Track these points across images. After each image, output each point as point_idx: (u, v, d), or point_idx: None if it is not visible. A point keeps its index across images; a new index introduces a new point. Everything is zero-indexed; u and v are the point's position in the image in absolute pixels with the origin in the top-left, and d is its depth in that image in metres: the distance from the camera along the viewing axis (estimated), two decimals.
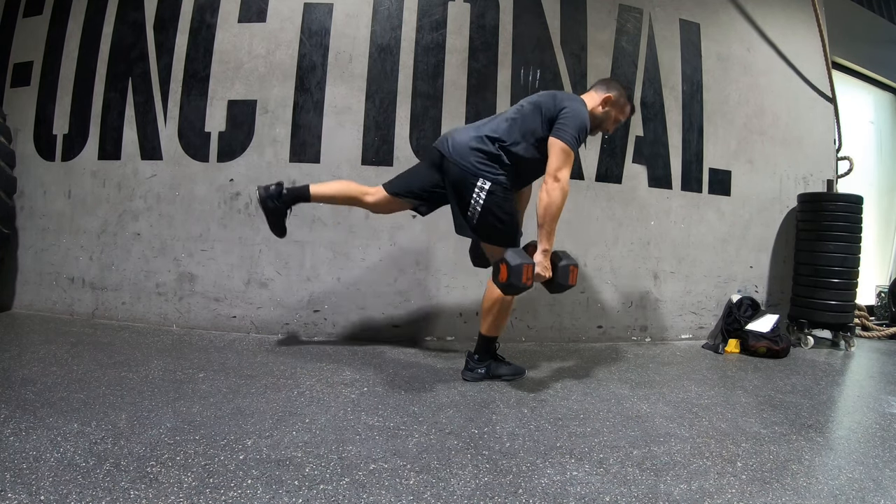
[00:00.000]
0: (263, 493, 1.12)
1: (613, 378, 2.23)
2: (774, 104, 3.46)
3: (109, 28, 2.91)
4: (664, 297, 3.16)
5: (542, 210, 1.86)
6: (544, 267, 1.90)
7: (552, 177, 1.86)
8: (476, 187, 1.90)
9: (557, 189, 1.84)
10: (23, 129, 3.00)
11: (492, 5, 2.91)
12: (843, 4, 4.31)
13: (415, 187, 2.08)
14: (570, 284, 1.97)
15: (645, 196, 3.12)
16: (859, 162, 3.84)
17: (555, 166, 1.86)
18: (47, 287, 2.92)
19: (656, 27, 3.18)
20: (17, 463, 1.18)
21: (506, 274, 1.78)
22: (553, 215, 1.86)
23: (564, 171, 1.86)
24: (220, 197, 2.77)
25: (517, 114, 1.98)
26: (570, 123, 1.88)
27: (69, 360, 2.03)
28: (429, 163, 2.06)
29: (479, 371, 2.08)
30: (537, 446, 1.46)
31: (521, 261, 1.79)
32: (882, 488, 1.30)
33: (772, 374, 2.44)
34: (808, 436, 1.65)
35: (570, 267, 1.94)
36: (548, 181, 1.86)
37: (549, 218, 1.86)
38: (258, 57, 2.79)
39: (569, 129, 1.87)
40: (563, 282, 1.95)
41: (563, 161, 1.86)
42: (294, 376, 2.00)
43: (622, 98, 2.07)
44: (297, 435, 1.45)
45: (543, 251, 1.89)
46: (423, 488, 1.19)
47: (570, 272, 1.94)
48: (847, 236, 3.13)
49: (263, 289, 2.74)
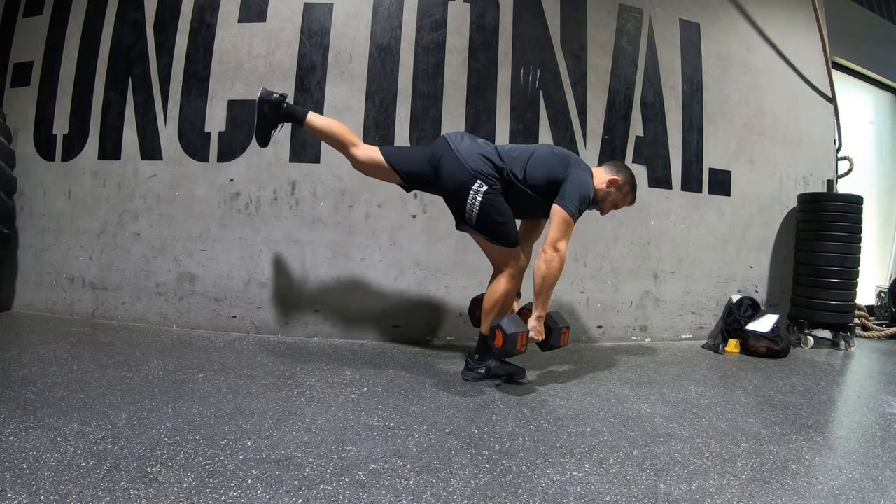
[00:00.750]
0: (263, 493, 1.12)
1: (613, 378, 2.23)
2: (774, 104, 3.46)
3: (109, 28, 2.91)
4: (664, 297, 3.16)
5: (540, 279, 1.92)
6: (538, 332, 1.98)
7: (552, 247, 1.91)
8: (471, 190, 1.92)
9: (557, 260, 1.91)
10: (23, 129, 3.00)
11: (492, 5, 2.91)
12: (843, 4, 4.31)
13: (408, 167, 2.09)
14: (560, 346, 2.09)
15: (645, 196, 3.11)
16: (859, 162, 3.84)
17: (556, 237, 1.91)
18: (47, 287, 2.92)
19: (656, 27, 3.18)
20: (17, 463, 1.18)
21: (501, 341, 1.88)
22: (550, 285, 1.93)
23: (564, 242, 1.92)
24: (220, 197, 2.77)
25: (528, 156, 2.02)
26: (574, 192, 1.93)
27: (69, 360, 2.03)
28: (429, 153, 2.06)
29: (479, 371, 2.08)
30: (537, 446, 1.46)
31: (516, 329, 1.88)
32: (882, 488, 1.30)
33: (772, 374, 2.44)
34: (808, 436, 1.65)
35: (563, 330, 2.06)
36: (547, 251, 1.91)
37: (545, 287, 1.93)
38: (258, 57, 2.79)
39: (573, 199, 1.92)
40: (555, 344, 2.07)
41: (563, 232, 1.91)
42: (294, 376, 2.00)
43: (627, 186, 2.13)
44: (297, 435, 1.45)
45: (538, 317, 1.97)
46: (423, 488, 1.19)
47: (563, 335, 2.07)
48: (847, 236, 3.13)
49: (263, 289, 2.74)
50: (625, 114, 3.08)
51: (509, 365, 2.13)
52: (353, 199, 2.75)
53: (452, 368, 2.23)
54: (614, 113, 3.06)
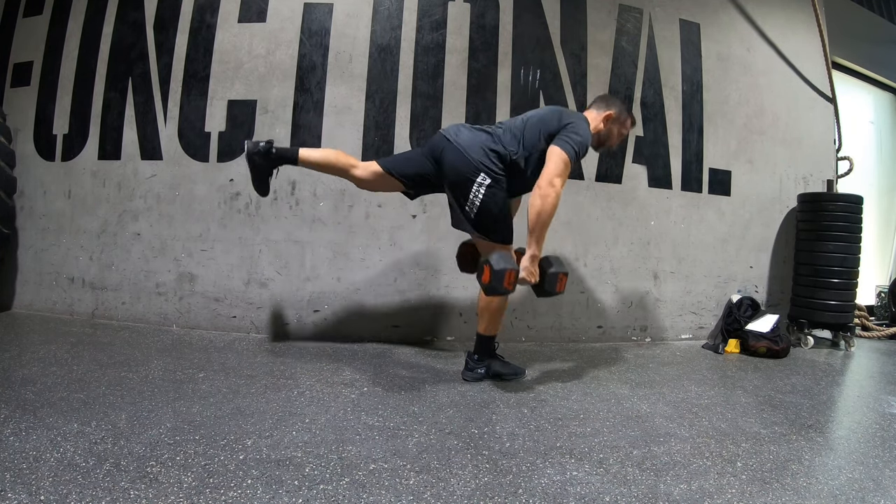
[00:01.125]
0: (263, 493, 1.12)
1: (613, 378, 2.23)
2: (774, 104, 3.46)
3: (109, 28, 2.91)
4: (664, 297, 3.16)
5: (534, 215, 1.82)
6: (530, 272, 1.87)
7: (548, 183, 1.81)
8: (475, 183, 1.90)
9: (552, 196, 1.80)
10: (23, 129, 3.00)
11: (492, 5, 2.91)
12: (843, 4, 4.31)
13: (408, 171, 2.08)
14: (556, 292, 1.94)
15: (645, 196, 3.12)
16: (859, 162, 3.84)
17: (552, 172, 1.82)
18: (47, 287, 2.92)
19: (656, 27, 3.18)
20: (17, 463, 1.18)
21: (488, 276, 1.78)
22: (544, 222, 1.83)
23: (560, 179, 1.83)
24: (220, 197, 2.77)
25: (522, 125, 1.99)
26: (572, 137, 1.89)
27: (69, 360, 2.03)
28: (428, 150, 2.05)
29: (478, 371, 2.08)
30: (537, 446, 1.46)
31: (504, 266, 1.77)
32: (882, 488, 1.30)
33: (772, 374, 2.44)
34: (808, 436, 1.65)
35: (559, 275, 1.90)
36: (542, 185, 1.82)
37: (539, 224, 1.82)
38: (258, 57, 2.79)
39: (571, 141, 1.88)
40: (549, 289, 1.92)
41: (560, 169, 1.83)
42: (294, 376, 2.00)
43: (623, 114, 2.12)
44: (297, 435, 1.45)
45: (531, 256, 1.87)
46: (423, 488, 1.19)
47: (559, 280, 1.90)
48: (847, 236, 3.13)
49: (263, 289, 2.74)
50: None
51: (509, 364, 2.13)
52: (353, 199, 2.75)
53: (452, 368, 2.23)
54: None
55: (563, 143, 1.87)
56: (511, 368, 2.12)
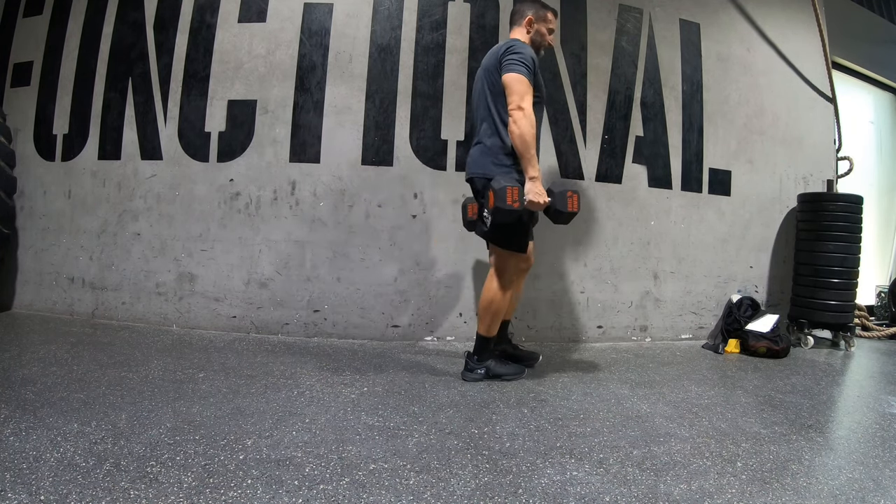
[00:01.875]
0: (263, 493, 1.12)
1: (613, 378, 2.23)
2: (774, 104, 3.46)
3: (109, 28, 2.92)
4: (664, 297, 3.16)
5: (518, 141, 1.87)
6: (536, 192, 1.88)
7: (516, 108, 1.87)
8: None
9: (523, 117, 1.85)
10: (23, 129, 3.00)
11: (492, 5, 2.91)
12: (843, 4, 4.31)
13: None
14: (570, 211, 1.93)
15: (645, 196, 3.12)
16: (859, 162, 3.84)
17: (515, 98, 1.88)
18: (47, 287, 2.92)
19: (656, 27, 3.18)
20: (17, 463, 1.18)
21: (492, 199, 1.80)
22: (527, 143, 1.86)
23: (525, 99, 1.87)
24: (220, 197, 2.77)
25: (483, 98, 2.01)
26: (514, 58, 1.92)
27: (69, 360, 2.03)
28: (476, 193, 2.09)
29: (478, 371, 2.08)
30: (537, 446, 1.46)
31: (504, 183, 1.81)
32: (882, 488, 1.30)
33: (772, 374, 2.43)
34: (808, 436, 1.65)
35: (567, 192, 1.91)
36: (512, 114, 1.87)
37: (525, 147, 1.86)
38: (258, 57, 2.79)
39: (514, 61, 1.90)
40: (561, 208, 1.92)
41: (520, 91, 1.88)
42: (294, 376, 2.00)
43: (539, 11, 2.13)
44: (297, 435, 1.45)
45: (530, 179, 1.89)
46: (423, 488, 1.19)
47: (569, 198, 1.91)
48: (847, 236, 3.13)
49: (263, 289, 2.74)
50: (625, 114, 3.08)
51: (508, 365, 2.13)
52: (353, 199, 2.75)
53: (452, 368, 2.23)
54: (614, 113, 3.06)
55: (508, 67, 1.91)
56: (510, 368, 2.12)
